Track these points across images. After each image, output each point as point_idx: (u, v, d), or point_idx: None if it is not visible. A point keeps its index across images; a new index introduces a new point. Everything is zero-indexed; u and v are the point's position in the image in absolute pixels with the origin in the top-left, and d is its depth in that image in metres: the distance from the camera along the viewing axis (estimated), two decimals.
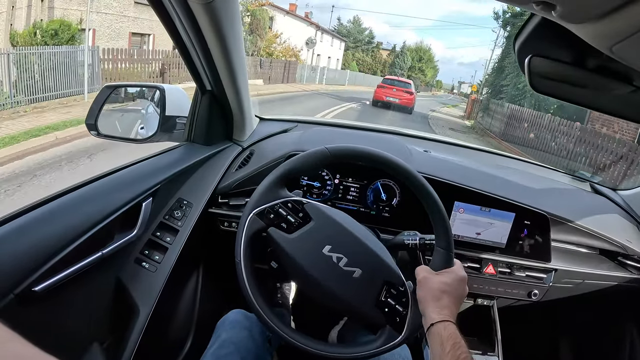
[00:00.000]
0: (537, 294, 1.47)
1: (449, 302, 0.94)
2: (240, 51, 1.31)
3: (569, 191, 1.77)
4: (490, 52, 77.23)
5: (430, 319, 0.91)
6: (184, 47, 1.25)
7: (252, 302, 1.01)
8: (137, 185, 1.19)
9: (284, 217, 1.04)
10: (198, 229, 1.33)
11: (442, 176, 1.43)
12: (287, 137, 1.77)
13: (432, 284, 0.97)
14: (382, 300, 1.00)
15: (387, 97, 21.71)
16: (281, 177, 1.08)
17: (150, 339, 1.12)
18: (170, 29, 1.18)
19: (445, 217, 1.05)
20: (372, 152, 1.09)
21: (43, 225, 0.91)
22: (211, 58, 1.28)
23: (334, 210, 1.09)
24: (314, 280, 1.01)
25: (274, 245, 1.03)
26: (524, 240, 1.44)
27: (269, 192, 1.06)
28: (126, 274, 1.16)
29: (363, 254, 1.03)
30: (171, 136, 1.51)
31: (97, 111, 1.44)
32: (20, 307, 0.81)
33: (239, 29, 1.23)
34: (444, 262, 1.03)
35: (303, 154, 1.09)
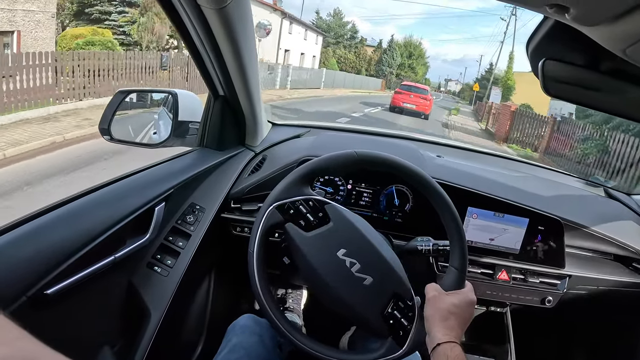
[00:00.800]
0: (550, 300, 1.45)
1: (455, 324, 0.93)
2: (252, 56, 1.32)
3: (583, 196, 1.76)
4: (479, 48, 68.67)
5: (437, 339, 0.91)
6: (196, 52, 1.26)
7: (262, 299, 1.01)
8: (150, 189, 1.20)
9: (303, 214, 1.04)
10: (210, 234, 1.34)
11: (455, 181, 1.42)
12: (300, 143, 1.77)
13: (441, 304, 0.96)
14: (389, 312, 0.99)
15: (404, 103, 21.91)
16: (306, 175, 1.08)
17: (162, 343, 1.13)
18: (183, 34, 1.19)
19: (462, 235, 1.04)
20: (400, 162, 1.08)
21: (56, 229, 0.92)
22: (224, 63, 1.29)
23: (354, 215, 1.08)
24: (323, 282, 1.01)
25: (290, 241, 1.03)
26: (538, 246, 1.43)
27: (293, 187, 1.06)
28: (138, 278, 1.17)
29: (376, 263, 1.02)
30: (184, 141, 1.52)
31: (110, 116, 1.45)
32: (32, 310, 0.81)
33: (251, 34, 1.24)
34: (456, 282, 1.02)
35: (331, 154, 1.09)
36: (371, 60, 51.21)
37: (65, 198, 1.01)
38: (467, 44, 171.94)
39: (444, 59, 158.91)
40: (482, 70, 77.91)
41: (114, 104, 1.47)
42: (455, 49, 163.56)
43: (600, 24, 0.57)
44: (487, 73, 56.70)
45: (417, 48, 58.78)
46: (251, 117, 1.58)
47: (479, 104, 37.26)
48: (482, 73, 61.45)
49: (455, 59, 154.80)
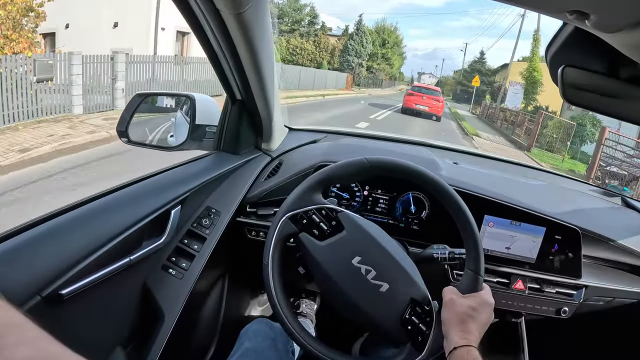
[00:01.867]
0: (566, 311, 1.42)
1: (473, 327, 0.92)
2: (270, 61, 1.33)
3: (601, 205, 1.73)
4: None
5: (454, 342, 0.90)
6: (215, 56, 1.27)
7: (277, 306, 1.01)
8: (167, 192, 1.21)
9: (316, 223, 1.04)
10: (225, 238, 1.34)
11: (472, 189, 1.41)
12: (317, 148, 1.77)
13: (458, 307, 0.95)
14: (407, 317, 0.99)
15: (417, 104, 22.10)
16: (317, 183, 1.08)
17: (174, 345, 1.13)
18: (202, 38, 1.19)
19: (478, 239, 1.03)
20: (411, 166, 1.08)
21: (73, 229, 0.93)
22: (242, 68, 1.29)
23: (367, 222, 1.08)
24: (339, 290, 1.00)
25: (304, 251, 1.03)
26: (555, 255, 1.41)
27: (304, 196, 1.06)
28: (153, 280, 1.17)
29: (392, 269, 1.02)
30: (200, 145, 1.53)
31: (128, 119, 1.48)
32: (46, 309, 0.82)
33: (269, 39, 1.24)
34: (473, 285, 1.01)
35: (342, 162, 1.09)
36: (334, 50, 40.80)
37: (82, 199, 1.02)
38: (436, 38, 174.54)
39: (415, 53, 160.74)
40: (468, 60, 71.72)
41: (132, 107, 1.49)
42: (425, 43, 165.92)
43: (620, 30, 0.57)
44: (476, 63, 54.28)
45: (391, 34, 49.04)
46: (268, 121, 1.59)
47: (484, 105, 34.42)
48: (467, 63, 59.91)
49: (426, 52, 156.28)
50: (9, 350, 0.39)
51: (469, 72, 52.26)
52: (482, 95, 44.29)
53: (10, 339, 0.41)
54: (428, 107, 22.10)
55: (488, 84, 45.63)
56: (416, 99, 22.45)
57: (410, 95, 23.02)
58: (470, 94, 46.10)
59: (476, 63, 52.52)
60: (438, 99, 22.77)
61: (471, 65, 54.97)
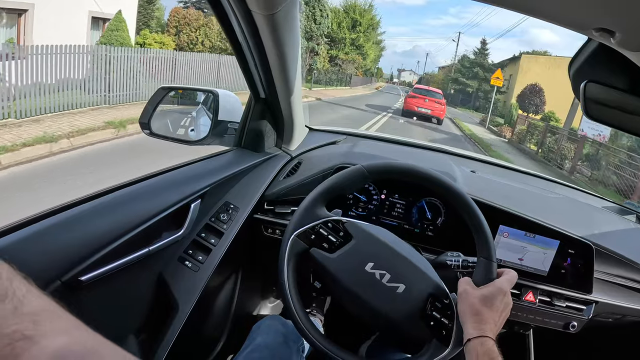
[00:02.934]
0: (575, 326, 1.42)
1: (488, 317, 0.92)
2: (296, 61, 1.34)
3: (616, 221, 1.73)
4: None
5: (468, 334, 0.91)
6: (242, 55, 1.29)
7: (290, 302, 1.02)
8: (188, 186, 1.22)
9: (324, 237, 1.05)
10: (242, 234, 1.36)
11: (488, 198, 1.41)
12: (336, 149, 1.78)
13: (472, 299, 0.95)
14: (428, 313, 1.00)
15: (419, 107, 21.45)
16: (319, 197, 1.09)
17: (186, 337, 1.15)
18: (231, 37, 1.21)
19: (485, 225, 1.04)
20: (407, 166, 1.10)
21: (95, 218, 0.95)
22: (268, 67, 1.31)
23: (374, 227, 1.09)
24: (358, 298, 1.01)
25: (317, 265, 1.04)
26: (567, 269, 1.40)
27: (308, 213, 1.07)
28: (169, 272, 1.19)
29: (406, 269, 1.03)
30: (222, 140, 1.55)
31: (151, 111, 1.50)
32: (65, 294, 0.83)
33: (297, 40, 1.26)
34: (486, 271, 1.02)
35: (340, 172, 1.10)
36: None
37: (105, 189, 1.04)
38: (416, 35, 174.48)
39: (394, 50, 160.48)
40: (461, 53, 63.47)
41: (155, 100, 1.51)
42: (405, 41, 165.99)
43: None
44: (477, 56, 42.25)
45: (365, 14, 37.35)
46: (290, 121, 1.61)
47: (519, 121, 21.67)
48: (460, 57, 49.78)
49: (405, 50, 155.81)
50: (44, 338, 0.39)
51: (467, 68, 43.17)
52: (484, 96, 39.10)
53: (45, 327, 0.40)
54: (430, 109, 21.58)
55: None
56: (418, 101, 21.86)
57: (411, 98, 22.42)
58: (469, 95, 43.07)
59: (477, 55, 41.96)
60: (440, 101, 22.17)
61: (468, 59, 43.91)
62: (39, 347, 0.38)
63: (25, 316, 0.40)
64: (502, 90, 34.56)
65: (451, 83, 45.40)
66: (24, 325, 0.39)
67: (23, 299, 0.42)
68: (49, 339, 0.39)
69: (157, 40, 20.44)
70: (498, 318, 0.94)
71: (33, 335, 0.39)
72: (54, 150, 6.40)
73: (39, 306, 0.43)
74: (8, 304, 0.40)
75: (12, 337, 0.38)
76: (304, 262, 1.07)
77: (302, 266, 1.07)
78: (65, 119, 8.05)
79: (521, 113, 24.26)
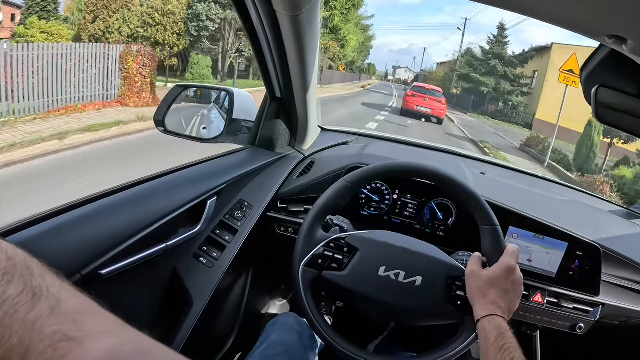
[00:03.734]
0: (582, 327, 1.42)
1: (496, 296, 0.93)
2: (314, 63, 1.36)
3: (623, 225, 1.74)
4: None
5: (477, 315, 0.92)
6: (262, 54, 1.31)
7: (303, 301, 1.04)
8: (204, 183, 1.24)
9: (331, 257, 1.06)
10: (255, 231, 1.37)
11: (498, 200, 1.42)
12: (348, 150, 1.80)
13: (478, 281, 0.97)
14: (452, 295, 1.02)
15: (419, 106, 20.36)
16: (314, 222, 1.10)
17: (199, 332, 1.16)
18: (252, 36, 1.23)
19: (476, 195, 1.07)
20: (382, 166, 1.12)
21: (115, 213, 0.96)
22: (287, 67, 1.33)
23: (374, 233, 1.11)
24: (381, 304, 1.04)
25: (333, 286, 1.06)
26: (575, 271, 1.41)
27: (309, 240, 1.08)
28: (184, 267, 1.20)
29: (417, 261, 1.05)
30: (236, 139, 1.56)
31: (166, 109, 1.51)
32: (84, 288, 0.84)
33: (317, 42, 1.28)
34: (493, 237, 1.03)
35: (326, 192, 1.12)
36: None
37: (124, 184, 1.05)
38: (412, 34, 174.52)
39: (390, 49, 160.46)
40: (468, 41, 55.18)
41: (170, 98, 1.52)
42: (401, 39, 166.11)
43: None
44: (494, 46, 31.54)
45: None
46: (304, 121, 1.62)
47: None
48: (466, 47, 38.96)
49: (401, 48, 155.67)
50: (89, 340, 0.37)
51: (481, 61, 32.57)
52: (502, 98, 30.71)
53: (88, 327, 0.38)
54: (430, 109, 20.35)
55: (514, 80, 30.42)
56: (418, 100, 20.60)
57: (411, 97, 21.14)
58: (482, 96, 32.33)
59: (494, 45, 31.73)
60: (440, 100, 20.92)
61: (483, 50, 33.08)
62: (84, 348, 0.36)
63: (64, 315, 0.38)
64: (525, 91, 30.09)
65: (458, 80, 36.75)
66: (66, 325, 0.37)
67: (59, 297, 0.40)
68: (95, 340, 0.37)
69: (45, 30, 15.85)
70: (507, 297, 0.95)
71: (76, 336, 0.37)
72: None
73: (78, 305, 0.41)
74: (44, 303, 0.38)
75: (53, 338, 0.36)
76: (320, 287, 1.09)
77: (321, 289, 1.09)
78: None
79: (603, 140, 14.79)
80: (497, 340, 0.84)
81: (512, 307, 0.96)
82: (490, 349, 0.84)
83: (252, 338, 1.31)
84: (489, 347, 0.85)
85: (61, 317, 0.38)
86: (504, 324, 0.88)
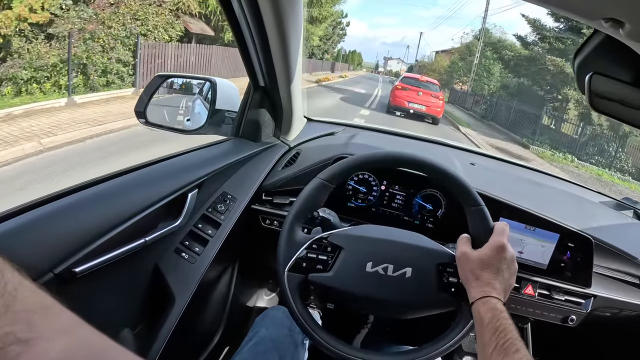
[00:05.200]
0: (574, 319, 1.42)
1: (490, 277, 0.91)
2: (298, 50, 1.33)
3: (614, 216, 1.74)
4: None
5: (471, 298, 0.90)
6: (243, 41, 1.27)
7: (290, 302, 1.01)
8: (185, 175, 1.20)
9: (315, 259, 1.03)
10: (239, 224, 1.34)
11: (489, 191, 1.40)
12: (335, 140, 1.78)
13: (469, 264, 0.94)
14: (445, 282, 1.00)
15: (410, 102, 16.65)
16: (293, 224, 1.06)
17: (183, 328, 1.13)
18: (232, 23, 1.20)
19: (457, 177, 1.05)
20: (357, 158, 1.09)
21: (89, 208, 0.92)
22: (270, 55, 1.30)
23: (357, 228, 1.09)
24: (372, 300, 1.01)
25: (320, 288, 1.03)
26: (566, 263, 1.40)
27: (290, 244, 1.04)
28: (165, 263, 1.17)
29: (404, 252, 1.02)
30: (219, 130, 1.53)
31: (147, 100, 1.47)
32: (58, 287, 0.81)
33: (300, 29, 1.25)
34: (481, 218, 1.02)
35: (302, 192, 1.08)
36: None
37: (99, 177, 1.01)
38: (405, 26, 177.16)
39: (383, 41, 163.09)
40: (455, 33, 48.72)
41: (151, 88, 1.49)
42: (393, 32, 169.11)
43: None
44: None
45: None
46: (289, 110, 1.59)
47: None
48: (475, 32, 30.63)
49: (395, 41, 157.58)
50: (42, 341, 0.34)
51: (543, 41, 20.95)
52: (555, 104, 19.75)
53: (43, 327, 0.36)
54: (425, 105, 16.64)
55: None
56: (409, 95, 16.77)
57: (400, 90, 17.10)
58: (540, 99, 20.15)
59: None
60: (437, 95, 17.20)
61: (539, 24, 21.23)
62: (36, 351, 0.33)
63: (18, 315, 0.35)
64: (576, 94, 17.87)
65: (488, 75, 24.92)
66: (18, 326, 0.34)
67: (15, 294, 0.37)
68: (48, 341, 0.34)
69: None
70: (501, 277, 0.93)
71: (29, 337, 0.34)
72: None
73: (35, 303, 0.38)
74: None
75: (4, 341, 0.33)
76: (308, 290, 1.06)
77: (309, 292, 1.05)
78: None
79: None
80: (491, 321, 0.82)
81: (508, 287, 0.93)
82: (485, 332, 0.82)
83: (241, 332, 1.29)
84: (483, 330, 0.83)
85: (15, 315, 0.35)
86: (499, 305, 0.86)
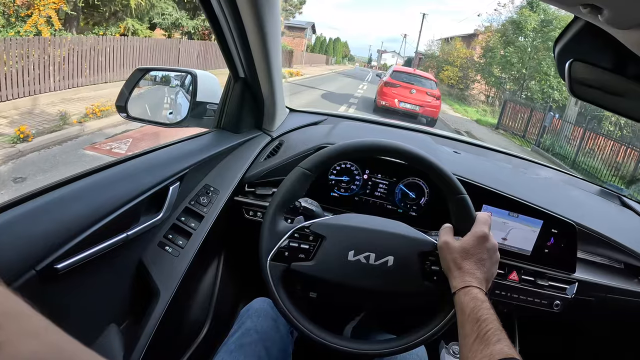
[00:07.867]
0: (559, 304, 1.43)
1: (472, 267, 0.91)
2: (277, 39, 1.32)
3: (598, 202, 1.75)
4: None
5: (453, 288, 0.90)
6: (220, 32, 1.27)
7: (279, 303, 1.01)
8: (166, 168, 1.19)
9: (297, 248, 1.03)
10: (223, 217, 1.34)
11: (472, 178, 1.41)
12: (317, 130, 1.77)
13: (452, 252, 0.94)
14: (428, 271, 1.00)
15: (402, 102, 14.31)
16: (275, 214, 1.06)
17: (168, 322, 1.13)
18: (209, 13, 1.19)
19: (440, 166, 1.04)
20: (339, 147, 1.08)
21: (69, 203, 0.91)
22: (248, 45, 1.29)
23: (339, 217, 1.09)
24: (354, 289, 1.02)
25: (303, 277, 1.03)
26: (550, 248, 1.41)
27: (271, 234, 1.04)
28: (149, 257, 1.17)
29: (386, 241, 1.02)
30: (200, 122, 1.52)
31: (128, 94, 1.46)
32: (40, 284, 0.80)
33: (277, 17, 1.24)
34: (464, 207, 1.02)
35: (284, 182, 1.08)
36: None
37: (79, 173, 1.00)
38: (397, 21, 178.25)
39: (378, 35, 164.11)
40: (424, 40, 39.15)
41: (132, 82, 1.48)
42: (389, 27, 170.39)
43: (632, 28, 0.57)
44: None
45: None
46: (270, 101, 1.59)
47: None
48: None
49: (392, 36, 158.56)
50: (9, 345, 0.33)
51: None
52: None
53: (12, 331, 0.35)
54: (419, 105, 14.18)
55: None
56: (400, 92, 14.34)
57: (389, 87, 14.60)
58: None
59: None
60: (433, 92, 14.57)
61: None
62: (4, 355, 0.33)
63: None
64: None
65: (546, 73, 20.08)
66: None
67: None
68: (14, 345, 0.34)
69: None
70: (483, 266, 0.93)
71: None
72: None
73: (5, 306, 0.38)
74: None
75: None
76: (291, 278, 1.05)
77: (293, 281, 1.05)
78: None
79: None
80: (473, 312, 0.82)
81: (490, 277, 0.94)
82: (466, 322, 0.82)
83: (228, 325, 1.29)
84: (465, 320, 0.83)
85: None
86: (480, 294, 0.86)
